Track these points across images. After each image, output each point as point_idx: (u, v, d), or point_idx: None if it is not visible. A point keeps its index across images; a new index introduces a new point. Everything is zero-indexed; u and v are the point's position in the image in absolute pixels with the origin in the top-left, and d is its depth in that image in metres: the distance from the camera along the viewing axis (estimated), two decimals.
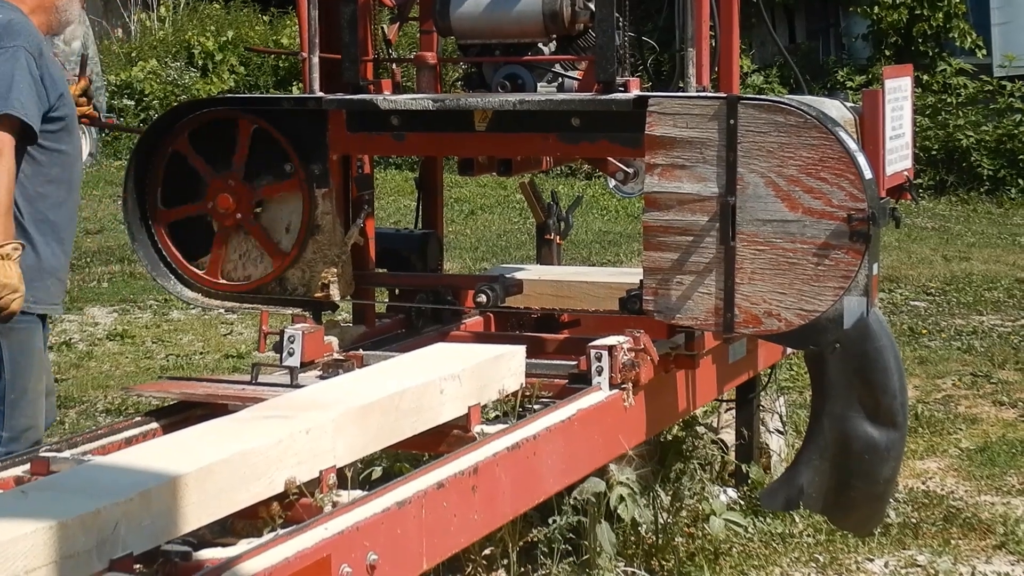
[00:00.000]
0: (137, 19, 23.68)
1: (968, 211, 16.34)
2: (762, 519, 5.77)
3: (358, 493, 3.66)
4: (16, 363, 4.75)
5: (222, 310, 8.29)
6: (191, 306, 5.81)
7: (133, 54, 21.94)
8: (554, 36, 5.12)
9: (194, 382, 4.82)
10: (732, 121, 4.51)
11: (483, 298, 5.15)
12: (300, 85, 5.44)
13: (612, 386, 4.64)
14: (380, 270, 5.61)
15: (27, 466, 3.82)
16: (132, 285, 11.76)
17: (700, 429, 5.85)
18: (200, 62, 21.42)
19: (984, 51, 19.50)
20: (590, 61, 5.06)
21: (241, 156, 5.18)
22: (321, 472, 3.66)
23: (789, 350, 6.16)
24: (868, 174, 4.46)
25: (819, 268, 4.47)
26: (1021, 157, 17.10)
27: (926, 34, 19.41)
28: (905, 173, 5.27)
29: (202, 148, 5.22)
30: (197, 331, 10.11)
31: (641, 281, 4.74)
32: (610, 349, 4.64)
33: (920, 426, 7.42)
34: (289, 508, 3.54)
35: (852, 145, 4.48)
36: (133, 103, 20.46)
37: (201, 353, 9.40)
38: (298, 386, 4.51)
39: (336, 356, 4.94)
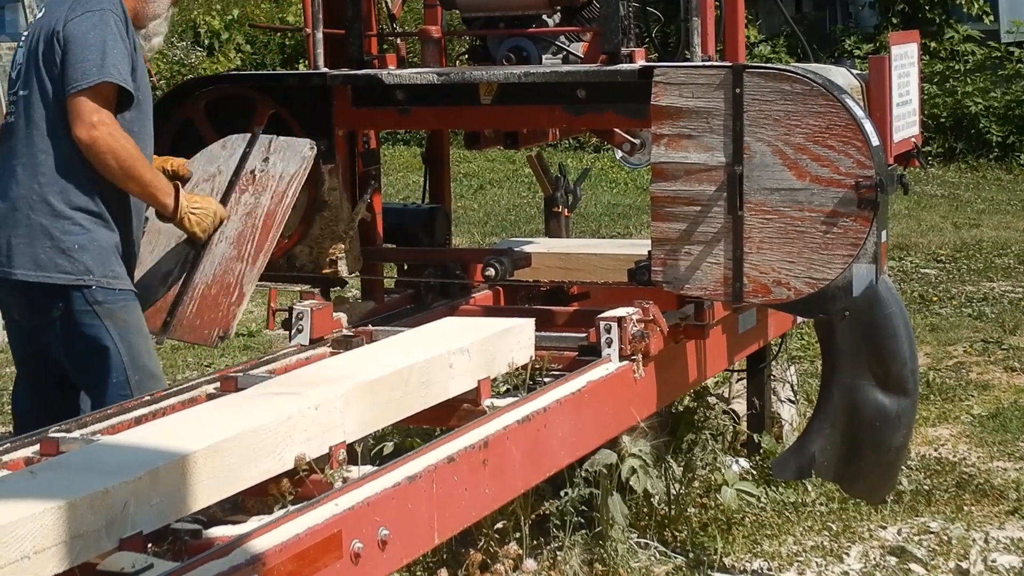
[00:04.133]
0: None
1: (977, 178, 16.30)
2: (774, 488, 5.76)
3: (368, 468, 3.66)
4: (128, 343, 4.50)
5: None
6: None
7: None
8: (558, 7, 5.10)
9: None
10: (738, 90, 4.49)
11: (492, 272, 5.14)
12: (306, 62, 5.41)
13: (622, 358, 4.63)
14: (388, 245, 5.60)
15: (36, 446, 3.81)
16: None
17: (711, 400, 5.84)
18: (206, 41, 21.38)
19: (991, 17, 19.45)
20: (595, 32, 5.04)
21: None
22: (331, 448, 3.66)
23: (799, 319, 6.15)
24: (875, 141, 4.44)
25: (828, 236, 4.45)
26: None
27: (933, 1, 19.36)
28: (912, 139, 5.25)
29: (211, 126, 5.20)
30: None
31: (650, 252, 4.72)
32: (619, 321, 4.63)
33: (932, 393, 7.41)
34: (299, 484, 3.53)
35: (859, 112, 4.45)
36: None
37: None
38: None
39: (345, 332, 4.93)
